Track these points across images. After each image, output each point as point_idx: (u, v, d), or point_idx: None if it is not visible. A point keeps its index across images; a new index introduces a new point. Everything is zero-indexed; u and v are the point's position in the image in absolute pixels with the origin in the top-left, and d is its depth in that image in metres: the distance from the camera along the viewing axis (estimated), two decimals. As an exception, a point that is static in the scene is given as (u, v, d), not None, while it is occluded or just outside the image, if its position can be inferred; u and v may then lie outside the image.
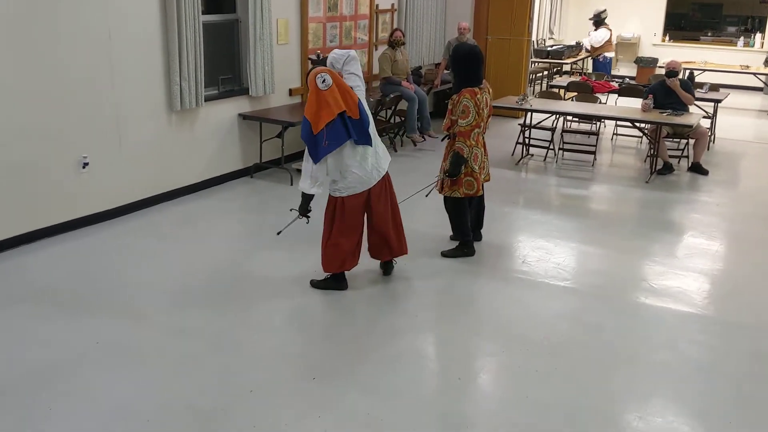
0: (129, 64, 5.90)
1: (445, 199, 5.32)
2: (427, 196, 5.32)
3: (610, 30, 12.64)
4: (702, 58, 13.34)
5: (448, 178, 5.12)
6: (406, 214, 5.03)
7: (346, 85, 4.39)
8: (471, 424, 3.39)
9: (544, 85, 13.22)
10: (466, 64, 5.03)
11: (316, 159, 4.32)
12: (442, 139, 5.35)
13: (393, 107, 8.73)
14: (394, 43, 8.53)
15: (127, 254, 5.33)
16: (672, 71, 7.94)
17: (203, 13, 6.51)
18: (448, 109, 5.15)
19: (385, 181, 4.65)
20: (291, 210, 4.74)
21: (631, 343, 4.19)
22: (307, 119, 4.30)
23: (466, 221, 5.35)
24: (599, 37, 12.60)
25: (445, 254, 5.35)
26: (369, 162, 4.48)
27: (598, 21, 12.61)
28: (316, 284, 4.74)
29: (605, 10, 12.76)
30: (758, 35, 14.47)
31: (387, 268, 4.98)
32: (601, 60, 12.67)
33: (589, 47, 13.06)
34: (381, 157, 4.58)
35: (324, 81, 4.25)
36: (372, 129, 4.52)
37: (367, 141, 4.43)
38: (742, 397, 3.67)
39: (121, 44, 5.81)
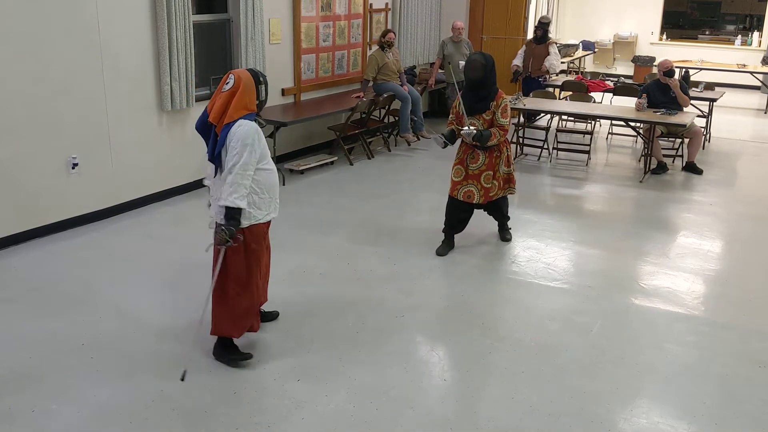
0: (119, 63, 5.89)
1: (502, 198, 5.63)
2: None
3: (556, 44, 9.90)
4: (699, 56, 13.30)
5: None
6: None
7: (235, 104, 3.61)
8: (455, 424, 3.37)
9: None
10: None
11: None
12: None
13: (386, 107, 8.71)
14: (384, 45, 8.44)
15: (117, 255, 5.32)
16: (670, 71, 7.90)
17: (194, 13, 6.51)
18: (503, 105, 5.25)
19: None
20: None
21: (618, 343, 4.17)
22: None
23: None
24: (558, 60, 9.61)
25: (509, 239, 5.78)
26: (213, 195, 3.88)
27: (545, 32, 9.50)
28: None
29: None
30: (756, 34, 14.43)
31: None
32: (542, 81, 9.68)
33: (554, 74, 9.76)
34: (213, 208, 3.90)
35: (227, 83, 3.63)
36: (228, 174, 3.67)
37: (214, 162, 3.81)
38: (729, 398, 3.65)
39: (111, 44, 5.80)
